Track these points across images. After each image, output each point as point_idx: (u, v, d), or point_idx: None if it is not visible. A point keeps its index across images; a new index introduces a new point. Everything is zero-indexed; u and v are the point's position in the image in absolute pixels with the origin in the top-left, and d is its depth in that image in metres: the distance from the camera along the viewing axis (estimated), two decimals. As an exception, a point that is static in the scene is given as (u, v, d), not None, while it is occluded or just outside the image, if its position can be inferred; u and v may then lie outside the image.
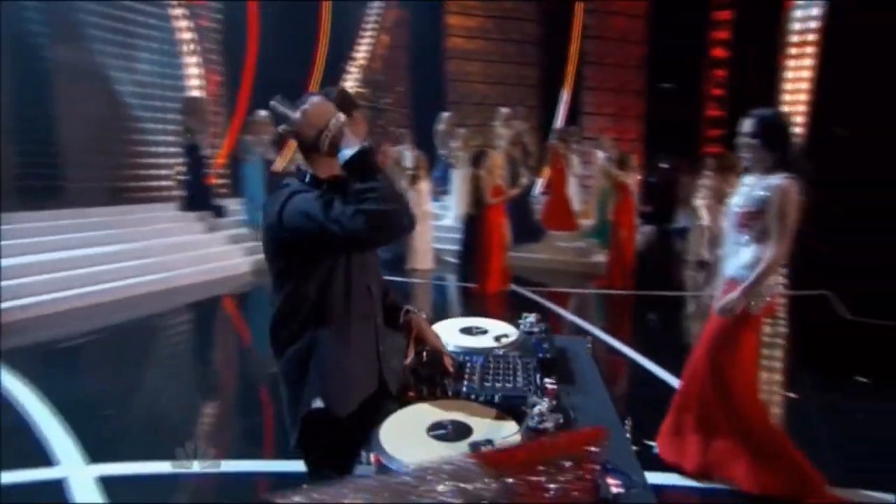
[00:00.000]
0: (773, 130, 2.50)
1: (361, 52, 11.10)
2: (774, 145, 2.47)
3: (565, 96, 10.25)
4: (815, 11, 8.40)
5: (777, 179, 2.45)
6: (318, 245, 1.32)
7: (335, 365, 1.40)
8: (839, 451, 2.98)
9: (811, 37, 8.47)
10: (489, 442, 1.15)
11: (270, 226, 1.36)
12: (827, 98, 8.31)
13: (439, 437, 1.22)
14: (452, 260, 7.48)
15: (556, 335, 1.93)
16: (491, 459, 0.85)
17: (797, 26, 8.55)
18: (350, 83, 10.84)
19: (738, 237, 2.57)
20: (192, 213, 7.70)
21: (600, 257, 7.54)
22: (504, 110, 9.34)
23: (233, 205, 8.12)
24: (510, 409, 1.36)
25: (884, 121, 7.35)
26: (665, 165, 9.62)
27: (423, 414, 1.32)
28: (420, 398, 1.41)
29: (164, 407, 3.62)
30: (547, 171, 8.58)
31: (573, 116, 10.32)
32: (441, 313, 6.10)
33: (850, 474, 2.70)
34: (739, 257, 2.55)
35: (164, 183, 8.35)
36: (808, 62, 8.51)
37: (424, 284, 6.97)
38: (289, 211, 1.33)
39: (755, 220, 2.50)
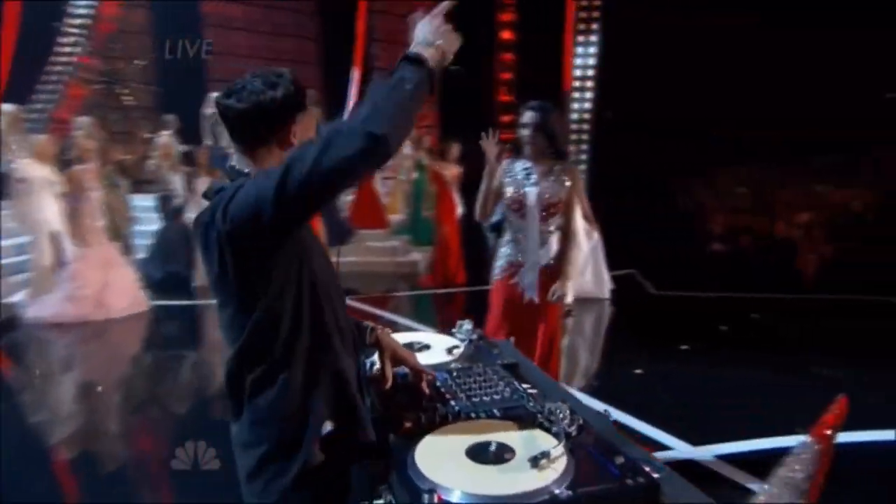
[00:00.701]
0: (553, 121, 3.02)
1: (82, 9, 9.71)
2: (554, 135, 3.00)
3: (356, 76, 10.45)
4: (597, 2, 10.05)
5: (565, 168, 2.99)
6: (283, 215, 1.21)
7: (339, 381, 1.37)
8: (687, 412, 3.77)
9: (595, 25, 10.12)
10: (545, 454, 1.26)
11: (218, 234, 1.26)
12: (608, 87, 10.04)
13: (489, 461, 1.28)
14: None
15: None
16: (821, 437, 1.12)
17: (582, 15, 10.11)
18: (69, 48, 9.43)
19: (544, 227, 3.03)
20: None
21: (416, 255, 7.95)
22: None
23: None
24: (518, 419, 1.47)
25: (660, 114, 9.20)
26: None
27: (445, 443, 1.36)
28: (420, 428, 1.44)
29: None
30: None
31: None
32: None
33: (704, 431, 3.43)
34: (549, 246, 3.02)
35: None
36: (592, 50, 10.13)
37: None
38: (236, 200, 1.25)
39: (558, 209, 3.01)
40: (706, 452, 3.26)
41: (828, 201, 9.61)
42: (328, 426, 1.34)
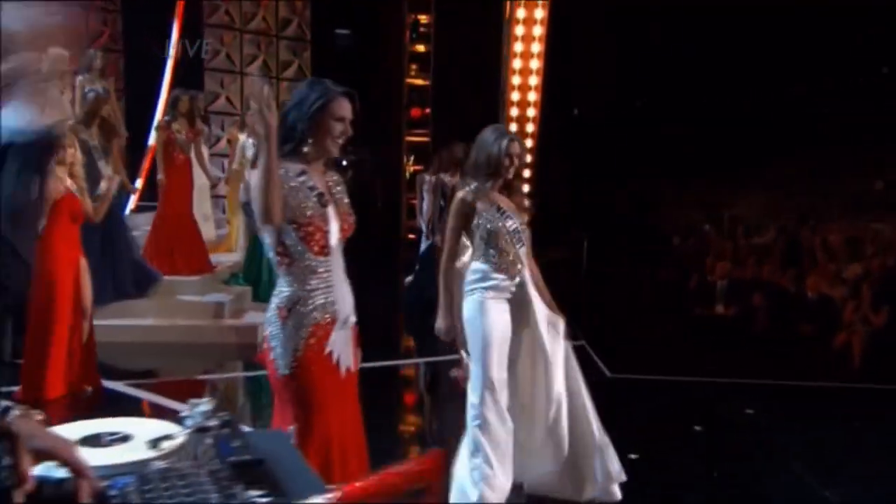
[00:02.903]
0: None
1: None
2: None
3: (174, 39, 10.47)
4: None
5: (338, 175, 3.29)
6: None
7: None
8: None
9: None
10: None
11: None
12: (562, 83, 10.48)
13: None
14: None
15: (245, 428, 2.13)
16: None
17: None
18: None
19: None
20: None
21: (258, 317, 7.86)
22: (56, 51, 8.97)
23: None
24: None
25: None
26: (353, 158, 10.65)
27: None
28: None
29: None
30: (160, 173, 8.46)
31: (195, 74, 10.57)
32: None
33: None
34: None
35: None
36: (539, 31, 10.54)
37: None
38: None
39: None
40: None
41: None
42: None
